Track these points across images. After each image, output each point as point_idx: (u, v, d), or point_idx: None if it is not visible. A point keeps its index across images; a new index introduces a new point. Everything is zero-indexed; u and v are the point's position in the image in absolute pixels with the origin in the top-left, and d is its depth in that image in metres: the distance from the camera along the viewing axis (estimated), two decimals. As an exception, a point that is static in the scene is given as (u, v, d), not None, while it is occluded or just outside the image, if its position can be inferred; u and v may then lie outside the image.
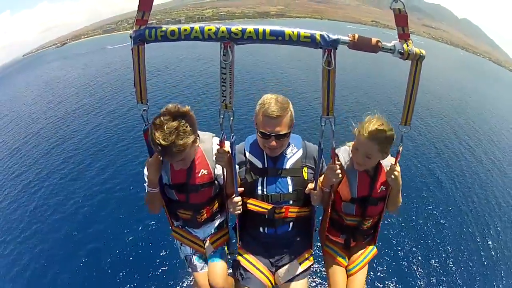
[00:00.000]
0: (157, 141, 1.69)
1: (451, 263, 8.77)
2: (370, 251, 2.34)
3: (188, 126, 1.77)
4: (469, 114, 21.80)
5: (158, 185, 2.01)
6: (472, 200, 11.53)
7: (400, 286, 7.73)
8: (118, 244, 8.51)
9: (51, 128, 17.17)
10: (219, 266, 2.27)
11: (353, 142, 2.11)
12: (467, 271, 8.62)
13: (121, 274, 7.58)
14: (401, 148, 1.86)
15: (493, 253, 9.26)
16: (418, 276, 8.25)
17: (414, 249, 8.97)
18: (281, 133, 1.88)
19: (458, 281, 8.46)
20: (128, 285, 7.26)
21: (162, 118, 1.73)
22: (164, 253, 7.79)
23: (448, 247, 9.23)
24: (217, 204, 2.30)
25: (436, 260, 8.77)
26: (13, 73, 58.64)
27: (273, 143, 1.90)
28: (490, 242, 9.64)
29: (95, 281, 7.36)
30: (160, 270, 7.54)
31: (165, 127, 1.69)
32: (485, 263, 8.93)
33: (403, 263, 8.45)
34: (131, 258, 8.00)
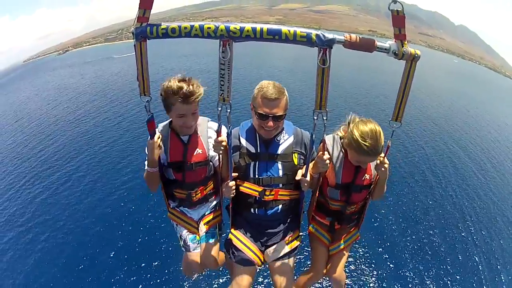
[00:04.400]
0: (179, 86, 1.91)
1: (439, 253, 8.91)
2: (352, 235, 2.48)
3: (198, 86, 1.99)
4: (454, 117, 22.55)
5: (157, 165, 2.14)
6: (458, 191, 11.94)
7: (385, 276, 7.84)
8: (120, 227, 8.97)
9: (71, 133, 17.96)
10: (211, 246, 2.40)
11: (343, 133, 2.21)
12: (453, 262, 8.73)
13: (123, 255, 7.94)
14: (390, 142, 1.95)
15: (476, 240, 9.49)
16: (404, 264, 8.36)
17: (400, 237, 9.19)
18: (278, 114, 1.99)
19: (446, 271, 8.58)
20: (130, 263, 7.64)
21: (172, 78, 1.99)
22: (163, 233, 8.24)
23: (435, 238, 9.47)
24: (211, 185, 2.43)
25: (424, 250, 8.96)
26: (16, 79, 58.88)
27: (270, 123, 2.00)
28: (472, 230, 9.95)
29: (99, 261, 7.82)
30: (160, 248, 7.94)
31: (180, 79, 1.96)
32: (469, 251, 9.18)
33: (389, 252, 8.68)
34: (133, 238, 8.44)
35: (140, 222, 9.01)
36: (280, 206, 2.22)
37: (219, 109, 1.80)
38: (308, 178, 2.07)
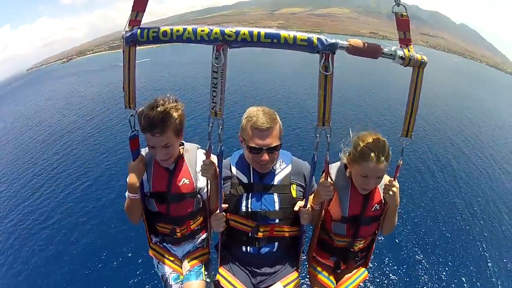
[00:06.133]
0: (145, 114, 1.70)
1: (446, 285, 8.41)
2: (360, 274, 2.18)
3: (177, 108, 1.80)
4: (452, 113, 23.37)
5: (138, 191, 1.91)
6: (470, 218, 11.41)
7: None
8: (97, 259, 8.67)
9: (85, 141, 18.65)
10: (195, 286, 2.11)
11: (346, 160, 1.97)
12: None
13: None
14: (401, 162, 1.73)
15: (492, 275, 8.99)
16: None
17: (407, 271, 8.64)
18: (272, 145, 1.79)
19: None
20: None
21: (152, 102, 1.79)
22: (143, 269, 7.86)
23: (443, 269, 9.00)
24: (199, 220, 2.17)
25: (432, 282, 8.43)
26: (22, 87, 59.92)
27: (265, 157, 1.80)
28: (489, 264, 9.38)
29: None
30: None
31: (154, 107, 1.73)
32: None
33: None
34: (110, 271, 8.16)
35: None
36: (276, 244, 1.99)
37: (210, 125, 1.58)
38: (308, 208, 1.86)
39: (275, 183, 1.94)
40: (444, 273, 8.85)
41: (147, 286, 7.60)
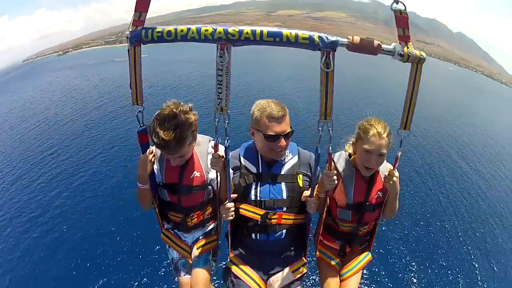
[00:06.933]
0: (158, 136, 1.72)
1: (447, 271, 8.84)
2: (364, 257, 2.30)
3: (189, 123, 1.81)
4: (440, 121, 24.05)
5: (148, 182, 1.99)
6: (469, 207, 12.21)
7: None
8: (111, 242, 9.03)
9: (80, 133, 18.63)
10: (202, 273, 2.20)
11: (352, 149, 2.10)
12: (464, 279, 8.68)
13: (113, 272, 7.94)
14: (399, 153, 1.84)
15: (491, 262, 9.50)
16: (413, 283, 8.26)
17: (409, 256, 9.21)
18: (287, 131, 1.91)
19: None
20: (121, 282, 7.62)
21: (164, 112, 1.78)
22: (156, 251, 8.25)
23: (444, 254, 9.53)
24: (209, 210, 2.26)
25: (432, 267, 8.89)
26: (18, 78, 59.26)
27: (283, 142, 1.91)
28: (488, 247, 10.02)
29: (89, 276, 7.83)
30: (151, 268, 7.91)
31: (166, 123, 1.73)
32: (483, 271, 9.08)
33: (398, 270, 8.62)
34: (124, 255, 8.49)
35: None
36: (284, 231, 2.07)
37: (217, 120, 1.67)
38: (314, 197, 1.95)
39: (282, 172, 2.03)
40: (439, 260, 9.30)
41: (161, 269, 7.89)
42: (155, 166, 2.04)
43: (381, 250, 8.91)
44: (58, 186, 12.44)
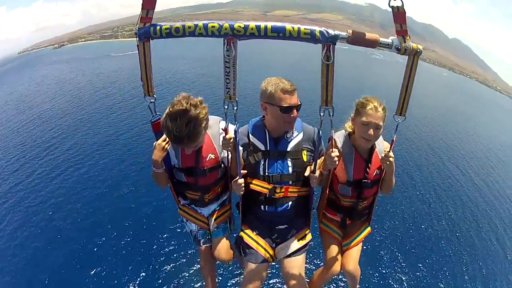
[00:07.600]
0: (171, 132, 1.83)
1: (443, 244, 9.17)
2: (364, 229, 2.50)
3: (200, 118, 1.89)
4: (430, 125, 24.81)
5: (162, 166, 2.13)
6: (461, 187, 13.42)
7: (393, 268, 8.35)
8: (129, 220, 9.64)
9: (77, 126, 18.58)
10: (222, 241, 2.47)
11: (350, 124, 2.26)
12: (458, 253, 8.99)
13: (131, 248, 8.59)
14: (395, 137, 1.98)
15: (484, 235, 10.47)
16: (411, 257, 8.58)
17: (407, 230, 9.99)
18: (299, 103, 2.06)
19: (450, 262, 9.08)
20: (140, 257, 8.31)
21: (176, 108, 1.85)
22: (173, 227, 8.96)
23: (440, 230, 10.13)
24: (222, 184, 2.44)
25: (429, 242, 9.26)
26: (13, 70, 58.49)
27: (295, 113, 2.05)
28: (480, 224, 11.00)
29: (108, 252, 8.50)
30: (170, 243, 8.62)
31: (178, 120, 1.82)
32: (475, 245, 9.48)
33: (396, 244, 9.01)
34: (142, 232, 9.11)
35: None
36: (290, 203, 2.23)
37: (226, 107, 1.83)
38: (317, 174, 2.10)
39: (288, 149, 2.16)
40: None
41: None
42: (171, 152, 2.17)
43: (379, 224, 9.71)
44: (55, 178, 12.50)
